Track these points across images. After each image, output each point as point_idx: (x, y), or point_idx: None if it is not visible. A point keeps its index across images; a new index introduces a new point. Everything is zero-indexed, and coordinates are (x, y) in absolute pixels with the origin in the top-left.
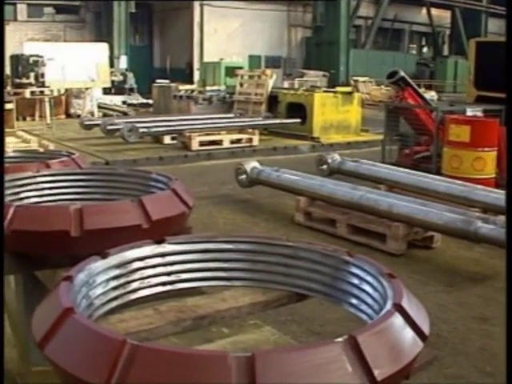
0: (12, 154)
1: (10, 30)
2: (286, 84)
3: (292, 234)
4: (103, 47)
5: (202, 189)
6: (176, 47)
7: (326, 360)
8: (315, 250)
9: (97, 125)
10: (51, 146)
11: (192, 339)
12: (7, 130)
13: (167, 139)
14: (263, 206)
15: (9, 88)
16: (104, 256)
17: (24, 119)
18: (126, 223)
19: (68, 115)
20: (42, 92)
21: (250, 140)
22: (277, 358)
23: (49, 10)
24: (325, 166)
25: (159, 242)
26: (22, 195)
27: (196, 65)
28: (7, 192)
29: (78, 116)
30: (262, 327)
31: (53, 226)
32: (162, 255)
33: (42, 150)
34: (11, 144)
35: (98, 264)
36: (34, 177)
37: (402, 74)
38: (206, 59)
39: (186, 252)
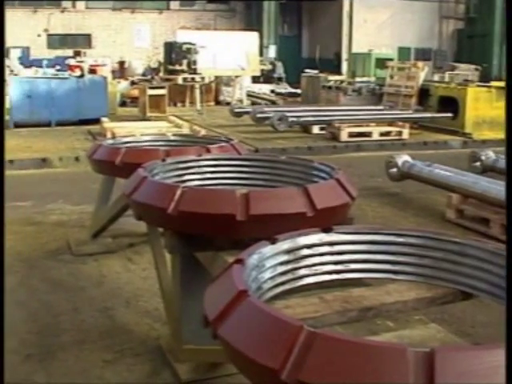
0: (172, 138)
1: (162, 18)
2: (435, 77)
3: (442, 231)
4: (254, 36)
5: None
6: (324, 37)
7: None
8: (485, 247)
9: (246, 112)
10: (202, 132)
11: (357, 330)
12: (159, 114)
13: (316, 129)
14: (412, 201)
15: (161, 74)
16: (273, 241)
17: (175, 105)
18: (291, 210)
19: (217, 102)
20: (193, 79)
21: (400, 133)
22: (455, 356)
23: None
24: (478, 163)
25: (327, 230)
26: (185, 177)
27: (344, 55)
28: (171, 174)
29: (227, 103)
30: (428, 324)
31: (219, 209)
32: (330, 244)
33: (200, 134)
34: (164, 128)
35: (268, 249)
36: (197, 160)
37: None
38: (354, 50)
39: (353, 242)
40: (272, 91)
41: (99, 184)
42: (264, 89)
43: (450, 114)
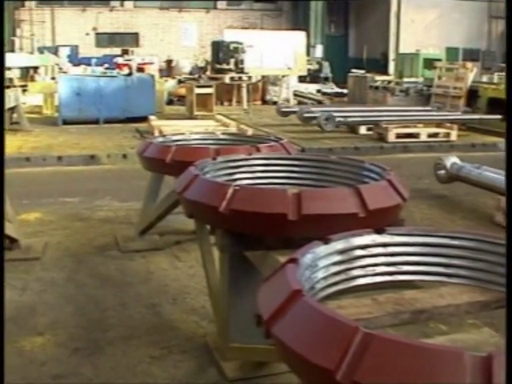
0: (222, 137)
1: (209, 17)
2: (484, 78)
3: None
4: (301, 35)
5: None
6: (371, 37)
7: None
8: None
9: (293, 112)
10: (249, 131)
11: (409, 333)
12: (206, 113)
13: (363, 129)
14: (461, 204)
15: (208, 73)
16: (326, 241)
17: (221, 104)
18: (342, 210)
19: (264, 101)
20: (240, 78)
21: (448, 135)
22: None
23: None
24: None
25: (380, 231)
26: (236, 176)
27: (391, 55)
28: (222, 172)
29: (274, 103)
30: (481, 328)
31: (271, 209)
32: (384, 245)
33: (248, 133)
34: (211, 127)
35: (321, 249)
36: (248, 159)
37: None
38: (401, 50)
39: (406, 244)
40: (318, 91)
41: (147, 181)
42: (310, 88)
43: (499, 116)
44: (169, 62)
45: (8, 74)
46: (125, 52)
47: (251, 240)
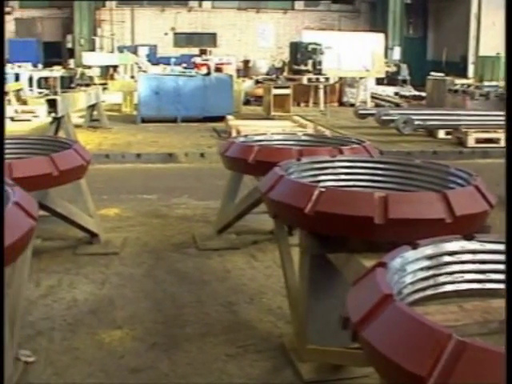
0: (304, 138)
1: (287, 18)
2: None
3: None
4: (379, 37)
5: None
6: (450, 40)
7: None
8: None
9: (371, 114)
10: (326, 133)
11: (497, 343)
12: (283, 113)
13: (441, 133)
14: None
15: (285, 74)
16: (415, 246)
17: (298, 105)
18: (430, 215)
19: (341, 103)
20: (317, 79)
21: None
22: None
23: None
24: None
25: (468, 238)
26: (320, 178)
27: (470, 58)
28: (306, 174)
29: (351, 105)
30: None
31: (357, 211)
32: (473, 252)
33: (330, 135)
34: (288, 128)
35: (410, 254)
36: (332, 161)
37: None
38: (481, 53)
39: (496, 252)
40: (396, 93)
41: (225, 181)
42: (388, 91)
43: None
44: (246, 62)
45: (88, 73)
46: (203, 52)
47: (335, 242)
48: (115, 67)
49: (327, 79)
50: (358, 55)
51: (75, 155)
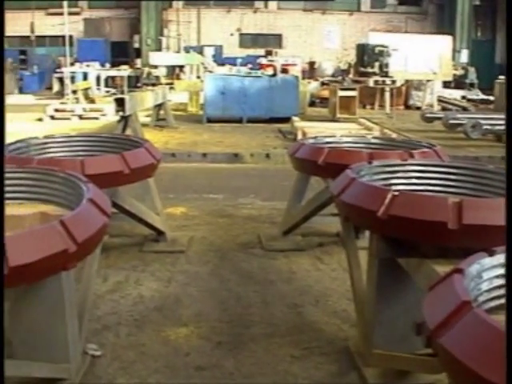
0: (373, 140)
1: (352, 19)
2: None
3: None
4: (446, 40)
5: None
6: None
7: None
8: None
9: (437, 118)
10: (393, 136)
11: None
12: (349, 116)
13: None
14: None
15: (351, 76)
16: (491, 253)
17: (363, 107)
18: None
19: (407, 106)
20: (384, 82)
21: None
22: None
23: (391, 1)
24: None
25: None
26: (391, 181)
27: None
28: (377, 177)
29: (417, 108)
30: None
31: (431, 216)
32: None
33: (399, 138)
34: (354, 130)
35: (486, 261)
36: (403, 165)
37: None
38: None
39: None
40: (463, 97)
41: (291, 182)
42: (455, 94)
43: None
44: (311, 63)
45: (155, 72)
46: (268, 53)
47: (406, 247)
48: (181, 67)
49: (393, 82)
50: (424, 58)
51: (146, 154)
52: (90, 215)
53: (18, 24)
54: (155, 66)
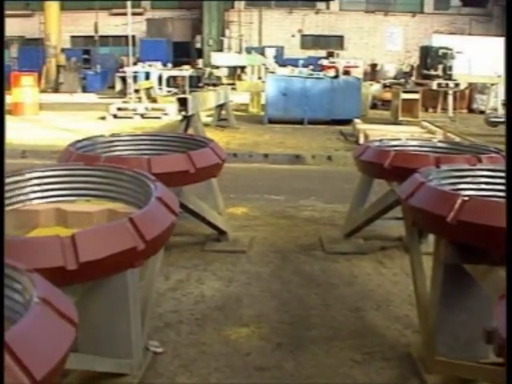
0: (440, 144)
1: (415, 21)
2: None
3: None
4: None
5: None
6: None
7: None
8: None
9: (502, 122)
10: (457, 140)
11: None
12: (411, 119)
13: None
14: None
15: (413, 78)
16: None
17: (426, 110)
18: None
19: (470, 110)
20: (447, 85)
21: None
22: None
23: (455, 2)
24: None
25: None
26: (460, 186)
27: None
28: (446, 181)
29: (481, 112)
30: None
31: (502, 223)
32: None
33: (465, 142)
34: (416, 134)
35: None
36: (472, 170)
37: None
38: None
39: None
40: None
41: (352, 184)
42: None
43: None
44: (373, 65)
45: (216, 73)
46: (330, 54)
47: (474, 253)
48: (243, 68)
49: (457, 85)
50: (489, 61)
51: (211, 153)
52: (159, 214)
53: (82, 24)
54: (217, 67)
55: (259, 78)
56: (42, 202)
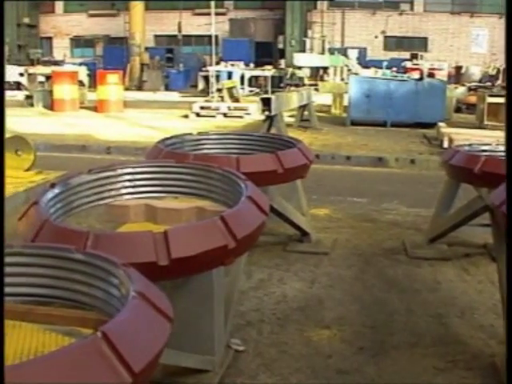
0: None
1: (503, 22)
2: None
3: None
4: None
5: None
6: None
7: None
8: None
9: None
10: None
11: None
12: (497, 123)
13: None
14: None
15: (499, 82)
16: None
17: None
18: None
19: None
20: None
21: None
22: None
23: None
24: None
25: None
26: None
27: None
28: None
29: None
30: None
31: None
32: None
33: None
34: (501, 138)
35: None
36: None
37: None
38: None
39: None
40: None
41: (436, 189)
42: None
43: None
44: (458, 68)
45: (299, 73)
46: (414, 56)
47: None
48: (325, 69)
49: None
50: None
51: (299, 154)
52: (249, 213)
53: (165, 24)
54: (299, 67)
55: (342, 79)
56: (132, 198)
